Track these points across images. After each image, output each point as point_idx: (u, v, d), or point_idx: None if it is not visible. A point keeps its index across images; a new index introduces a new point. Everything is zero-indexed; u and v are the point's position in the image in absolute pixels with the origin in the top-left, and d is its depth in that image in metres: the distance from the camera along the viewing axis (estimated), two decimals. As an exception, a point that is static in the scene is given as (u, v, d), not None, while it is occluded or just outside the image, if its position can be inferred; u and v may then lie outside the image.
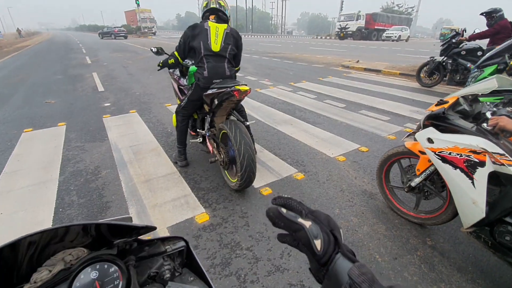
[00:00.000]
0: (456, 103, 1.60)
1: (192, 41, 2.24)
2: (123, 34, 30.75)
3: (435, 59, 5.72)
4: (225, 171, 2.37)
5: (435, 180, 1.73)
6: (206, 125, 2.42)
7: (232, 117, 2.37)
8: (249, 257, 1.67)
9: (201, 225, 1.94)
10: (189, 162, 2.76)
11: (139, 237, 0.65)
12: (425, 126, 1.63)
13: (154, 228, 0.60)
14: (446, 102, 1.60)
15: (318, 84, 6.32)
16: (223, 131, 2.19)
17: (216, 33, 2.20)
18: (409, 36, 29.02)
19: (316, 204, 2.15)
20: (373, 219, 1.98)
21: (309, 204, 2.13)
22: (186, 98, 2.43)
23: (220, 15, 2.29)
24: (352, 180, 2.48)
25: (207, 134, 2.43)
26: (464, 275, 1.54)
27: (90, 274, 0.52)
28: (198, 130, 2.60)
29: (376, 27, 31.47)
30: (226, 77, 2.25)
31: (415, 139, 1.70)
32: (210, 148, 2.47)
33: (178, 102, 2.94)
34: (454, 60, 5.49)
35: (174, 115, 2.64)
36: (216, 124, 2.35)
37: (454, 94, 1.68)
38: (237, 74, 2.51)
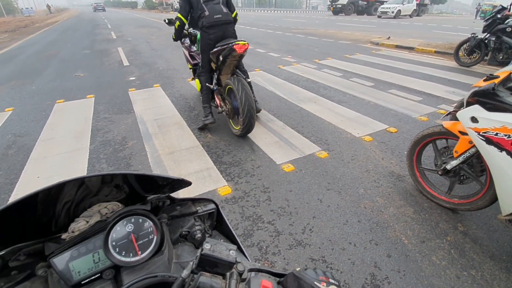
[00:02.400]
0: (508, 78, 1.43)
1: None
2: (101, 8, 42.76)
3: (477, 36, 5.17)
4: (230, 120, 2.82)
5: (474, 164, 1.61)
6: (214, 81, 2.79)
7: (235, 75, 2.67)
8: (270, 231, 1.69)
9: (223, 197, 1.97)
10: (211, 136, 2.78)
11: (171, 195, 0.65)
12: (468, 104, 1.48)
13: (189, 183, 0.59)
14: (497, 77, 1.44)
15: (344, 62, 6.00)
16: (229, 86, 2.59)
17: None
18: (415, 9, 22.89)
19: (339, 183, 2.10)
20: (400, 201, 1.91)
21: (332, 183, 2.09)
22: (200, 55, 2.82)
23: None
24: (378, 161, 2.38)
25: (215, 89, 2.80)
26: (497, 264, 1.46)
27: (125, 226, 0.52)
28: (208, 85, 2.86)
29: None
30: (224, 15, 2.58)
31: (456, 119, 1.56)
32: (218, 102, 2.87)
33: (189, 66, 3.48)
34: (498, 37, 4.93)
35: (196, 80, 2.99)
36: (222, 82, 2.75)
37: (506, 68, 1.50)
38: (258, 50, 2.56)
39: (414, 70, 5.21)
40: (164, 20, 3.09)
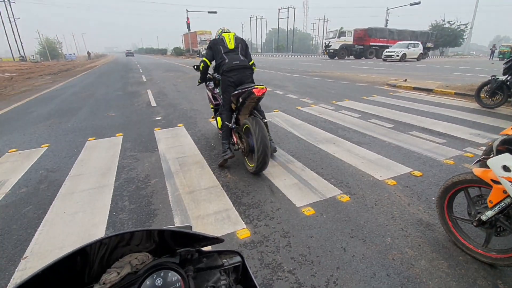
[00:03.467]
0: (539, 126, 1.39)
1: (214, 47, 3.03)
2: (130, 54, 53.50)
3: (497, 78, 5.14)
4: (245, 158, 2.96)
5: (511, 215, 1.49)
6: (233, 121, 3.04)
7: (255, 115, 2.88)
8: (291, 281, 1.59)
9: (242, 241, 1.92)
10: (231, 176, 2.81)
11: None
12: (499, 152, 1.43)
13: (222, 240, 0.60)
14: (526, 125, 1.40)
15: (362, 103, 6.09)
16: (246, 125, 2.79)
17: (229, 38, 3.05)
18: (422, 53, 23.56)
19: (364, 231, 1.99)
20: (432, 253, 1.76)
21: (356, 230, 1.99)
22: (221, 97, 3.12)
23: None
24: (404, 207, 2.27)
25: (233, 127, 3.03)
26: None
27: (155, 281, 0.53)
28: (227, 123, 3.11)
29: (372, 43, 27.37)
30: (241, 61, 2.94)
31: (485, 166, 1.50)
32: (235, 139, 3.09)
33: (211, 106, 3.85)
34: (520, 79, 4.88)
35: (218, 118, 3.24)
36: (240, 121, 2.96)
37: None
38: (279, 92, 2.76)
39: (435, 112, 5.16)
40: (193, 66, 3.49)
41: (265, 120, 3.08)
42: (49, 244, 1.92)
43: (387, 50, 22.89)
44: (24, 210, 2.33)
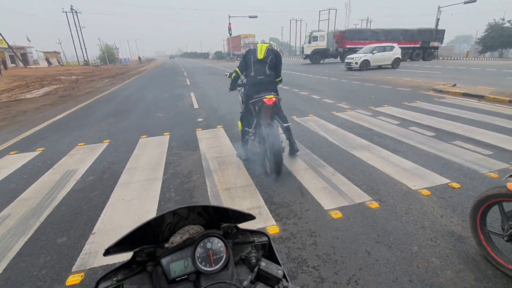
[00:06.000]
0: None
1: (247, 57, 3.23)
2: (172, 57, 57.95)
3: None
4: (266, 160, 3.09)
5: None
6: (253, 126, 3.30)
7: (271, 120, 3.02)
8: (315, 276, 1.73)
9: (271, 236, 2.11)
10: (264, 178, 3.02)
11: (237, 225, 0.86)
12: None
13: (254, 217, 0.80)
14: None
15: (402, 109, 5.86)
16: (263, 131, 3.01)
17: (261, 49, 3.19)
18: (398, 58, 17.76)
19: (390, 237, 2.04)
20: (460, 265, 1.76)
21: (382, 236, 2.05)
22: (243, 104, 3.43)
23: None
24: (437, 218, 2.25)
25: (254, 131, 3.32)
26: None
27: (206, 244, 0.74)
28: (246, 129, 3.43)
29: (348, 46, 24.04)
30: (266, 77, 3.09)
31: (520, 180, 1.48)
32: (257, 143, 3.36)
33: (241, 111, 3.91)
34: None
35: (239, 122, 3.56)
36: (260, 126, 3.13)
37: None
38: (312, 96, 2.85)
39: (484, 121, 4.79)
40: (226, 74, 3.82)
41: (286, 125, 3.33)
42: (112, 223, 2.32)
43: (348, 57, 18.07)
44: (91, 194, 2.81)
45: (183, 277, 0.71)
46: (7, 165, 3.60)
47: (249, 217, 0.80)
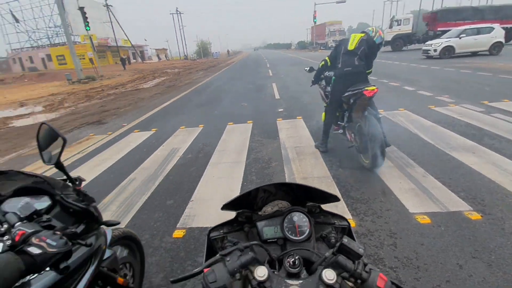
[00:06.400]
0: None
1: (338, 47, 3.16)
2: (256, 49, 61.84)
3: None
4: (360, 154, 3.03)
5: None
6: (345, 119, 3.20)
7: (366, 112, 2.84)
8: (391, 276, 1.68)
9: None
10: (342, 170, 2.98)
11: (321, 206, 0.96)
12: None
13: (338, 199, 0.89)
14: None
15: (534, 106, 4.61)
16: (359, 124, 2.90)
17: (353, 39, 3.04)
18: (499, 42, 13.68)
19: (492, 255, 1.76)
20: None
21: (481, 252, 1.79)
22: (330, 96, 3.34)
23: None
24: None
25: (346, 125, 3.21)
26: None
27: (293, 217, 0.85)
28: (339, 123, 3.37)
29: (440, 28, 19.72)
30: (354, 67, 2.95)
31: None
32: (349, 137, 3.25)
33: (324, 104, 3.86)
34: None
35: (323, 113, 3.54)
36: (353, 118, 3.03)
37: None
38: (405, 87, 2.64)
39: None
40: (305, 69, 3.88)
41: (379, 116, 3.04)
42: (205, 194, 2.76)
43: (426, 43, 15.32)
44: (190, 169, 3.37)
45: (273, 240, 0.86)
46: (133, 140, 4.64)
47: (333, 198, 0.89)
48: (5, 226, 0.83)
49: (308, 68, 3.76)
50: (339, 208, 2.36)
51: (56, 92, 13.00)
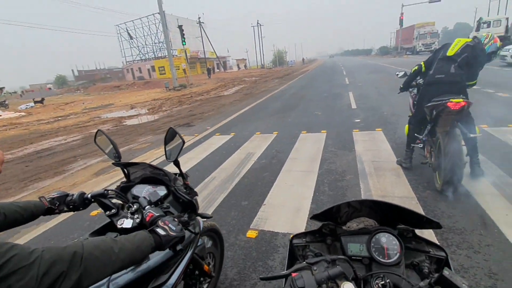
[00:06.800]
0: None
1: (437, 52, 2.88)
2: (332, 56, 61.76)
3: None
4: (436, 173, 2.71)
5: None
6: (425, 132, 2.88)
7: (449, 128, 2.53)
8: (489, 322, 1.44)
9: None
10: (430, 192, 2.65)
11: (414, 231, 0.86)
12: None
13: (440, 226, 0.80)
14: None
15: None
16: (439, 140, 2.58)
17: (456, 44, 2.69)
18: None
19: None
20: None
21: None
22: (416, 106, 3.04)
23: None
24: None
25: (424, 139, 2.92)
26: None
27: (381, 238, 0.81)
28: (417, 135, 3.03)
29: None
30: (447, 76, 2.61)
31: None
32: (426, 153, 2.97)
33: (410, 115, 3.50)
34: None
35: (407, 125, 3.23)
36: (436, 133, 2.67)
37: None
38: None
39: None
40: (397, 74, 3.61)
41: (472, 135, 2.61)
42: (277, 199, 2.88)
43: (506, 47, 12.96)
44: (264, 174, 3.56)
45: (357, 257, 0.83)
46: (214, 143, 5.18)
47: (433, 224, 0.80)
48: (135, 206, 1.10)
49: (402, 73, 3.46)
50: (425, 235, 2.12)
51: (157, 97, 15.54)
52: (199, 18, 40.14)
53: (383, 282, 0.68)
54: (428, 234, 2.10)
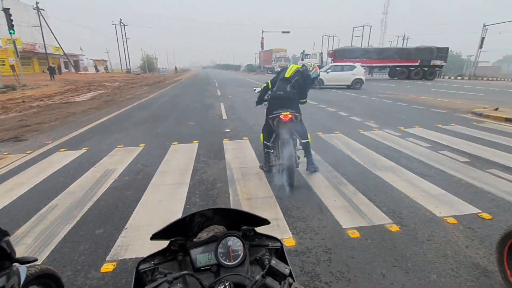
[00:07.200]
0: None
1: (279, 74, 3.49)
2: (205, 68, 65.32)
3: None
4: (280, 173, 3.17)
5: None
6: (271, 139, 3.44)
7: (290, 136, 3.16)
8: (326, 291, 1.77)
9: (287, 248, 2.18)
10: (284, 188, 3.11)
11: (255, 229, 0.97)
12: None
13: (269, 222, 0.92)
14: None
15: (435, 132, 5.63)
16: (279, 146, 3.17)
17: (290, 69, 3.41)
18: (359, 79, 15.97)
19: (408, 263, 2.01)
20: (482, 299, 1.69)
21: (400, 260, 2.03)
22: (265, 117, 3.51)
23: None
24: (461, 248, 2.17)
25: (271, 145, 3.46)
26: None
27: (227, 242, 0.86)
28: (266, 142, 3.53)
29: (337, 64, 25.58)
30: (285, 93, 3.26)
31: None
32: (273, 156, 3.53)
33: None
34: None
35: (261, 134, 3.62)
36: (279, 139, 3.26)
37: None
38: (340, 113, 2.97)
39: (529, 150, 4.45)
40: (254, 89, 4.13)
41: (303, 141, 3.41)
42: (142, 220, 2.54)
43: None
44: (126, 193, 3.09)
45: (206, 267, 0.84)
46: (58, 161, 4.07)
47: (264, 221, 0.92)
48: None
49: (259, 88, 3.93)
50: (281, 227, 2.43)
51: (-43, 101, 10.75)
52: (37, 3, 31.55)
53: (223, 286, 0.70)
54: (283, 226, 2.43)
